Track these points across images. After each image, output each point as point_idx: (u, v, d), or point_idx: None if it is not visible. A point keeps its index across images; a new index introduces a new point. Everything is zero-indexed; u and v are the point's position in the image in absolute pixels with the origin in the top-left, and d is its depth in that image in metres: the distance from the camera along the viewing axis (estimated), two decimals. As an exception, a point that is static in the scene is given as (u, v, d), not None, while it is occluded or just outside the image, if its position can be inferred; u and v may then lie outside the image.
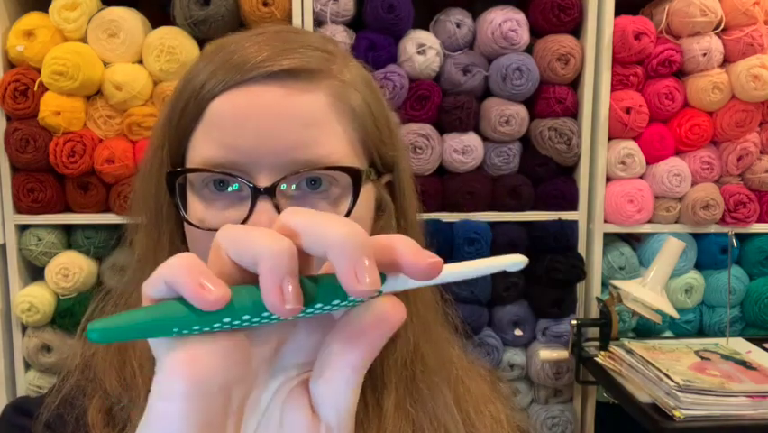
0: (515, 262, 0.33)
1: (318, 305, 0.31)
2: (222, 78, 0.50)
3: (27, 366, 1.78)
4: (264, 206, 0.49)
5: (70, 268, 1.69)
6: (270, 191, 0.49)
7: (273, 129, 0.49)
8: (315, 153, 0.49)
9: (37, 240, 1.71)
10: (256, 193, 0.49)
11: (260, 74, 0.49)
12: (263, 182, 0.49)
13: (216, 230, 0.49)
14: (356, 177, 0.51)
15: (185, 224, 0.52)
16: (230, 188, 0.50)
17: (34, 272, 1.78)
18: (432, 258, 0.31)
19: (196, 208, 0.51)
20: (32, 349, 1.73)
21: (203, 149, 0.51)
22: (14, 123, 1.66)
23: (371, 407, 0.54)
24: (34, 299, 1.69)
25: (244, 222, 0.49)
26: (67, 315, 1.70)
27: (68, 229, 1.75)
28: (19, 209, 1.70)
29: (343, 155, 0.51)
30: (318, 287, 0.31)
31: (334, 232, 0.30)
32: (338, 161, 0.50)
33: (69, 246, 1.75)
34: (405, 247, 0.31)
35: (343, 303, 0.32)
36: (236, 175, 0.49)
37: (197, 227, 0.51)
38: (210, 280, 0.30)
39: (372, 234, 0.54)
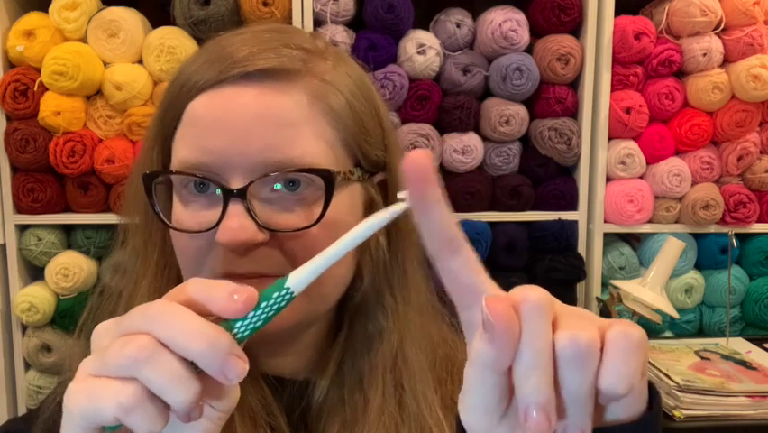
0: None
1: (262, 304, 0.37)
2: (199, 78, 0.50)
3: (27, 366, 1.78)
4: (235, 208, 0.48)
5: (70, 268, 1.69)
6: (242, 193, 0.48)
7: (246, 130, 0.48)
8: (289, 155, 0.49)
9: (37, 240, 1.71)
10: (228, 195, 0.48)
11: (236, 75, 0.49)
12: (236, 184, 0.48)
13: (193, 232, 0.51)
14: (328, 179, 0.49)
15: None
16: (207, 191, 0.50)
17: (34, 272, 1.78)
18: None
19: (177, 209, 0.52)
20: (32, 349, 1.73)
21: (180, 150, 0.51)
22: (14, 123, 1.66)
23: (360, 408, 0.55)
24: (34, 299, 1.69)
25: (217, 224, 0.48)
26: (67, 315, 1.70)
27: (68, 229, 1.75)
28: (19, 209, 1.70)
29: (319, 156, 0.50)
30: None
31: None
32: (312, 162, 0.49)
33: (69, 246, 1.75)
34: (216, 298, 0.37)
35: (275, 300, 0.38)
36: (209, 177, 0.49)
37: (173, 228, 0.51)
38: None
39: None
